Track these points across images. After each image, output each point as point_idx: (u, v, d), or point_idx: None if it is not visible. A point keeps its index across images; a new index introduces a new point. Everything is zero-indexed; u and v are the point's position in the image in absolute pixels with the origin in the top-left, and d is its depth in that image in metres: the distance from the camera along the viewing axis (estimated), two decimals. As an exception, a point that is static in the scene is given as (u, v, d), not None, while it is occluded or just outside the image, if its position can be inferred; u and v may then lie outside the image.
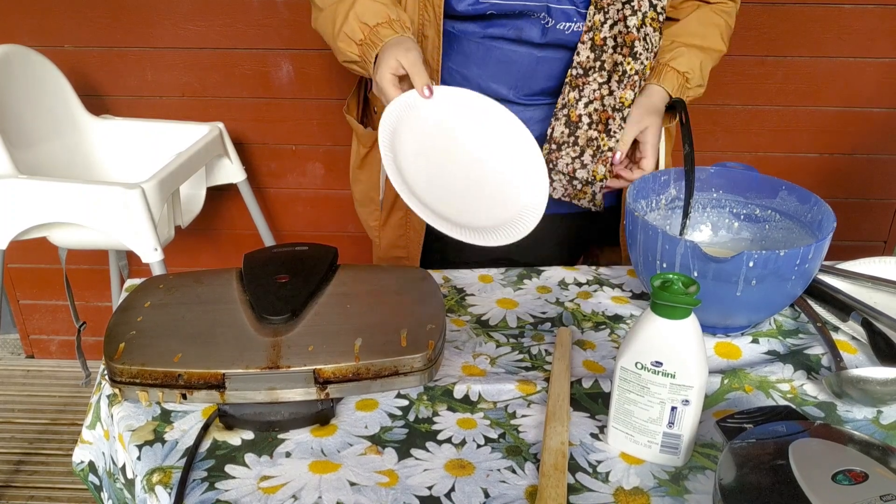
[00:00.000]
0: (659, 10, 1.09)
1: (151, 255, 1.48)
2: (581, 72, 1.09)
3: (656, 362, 0.68)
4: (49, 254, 2.15)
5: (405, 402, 0.80)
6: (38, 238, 1.57)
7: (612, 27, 1.07)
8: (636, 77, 1.10)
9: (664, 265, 0.87)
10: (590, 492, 0.69)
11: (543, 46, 1.09)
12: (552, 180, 1.14)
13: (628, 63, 1.09)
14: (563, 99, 1.11)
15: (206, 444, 0.75)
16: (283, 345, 0.76)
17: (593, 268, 1.09)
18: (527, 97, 1.14)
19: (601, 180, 1.14)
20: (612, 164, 1.12)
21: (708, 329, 0.92)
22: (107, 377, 0.79)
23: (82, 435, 0.88)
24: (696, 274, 0.85)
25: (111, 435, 0.82)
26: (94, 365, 2.15)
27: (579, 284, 1.05)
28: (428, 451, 0.74)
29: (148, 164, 1.74)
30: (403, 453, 0.73)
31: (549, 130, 1.13)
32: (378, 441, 0.75)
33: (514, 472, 0.71)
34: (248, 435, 0.76)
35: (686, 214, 1.01)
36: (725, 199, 1.04)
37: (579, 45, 1.08)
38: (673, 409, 0.69)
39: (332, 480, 0.70)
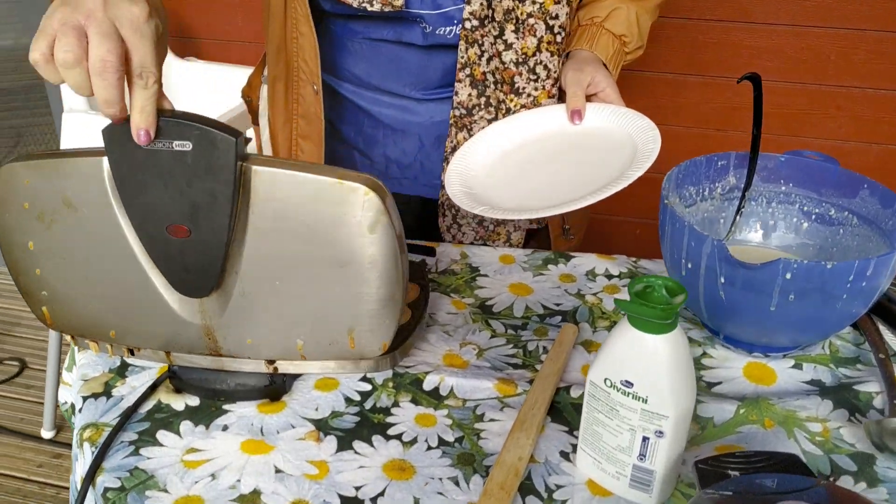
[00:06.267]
0: (557, 29, 0.94)
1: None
2: (464, 111, 1.00)
3: (626, 382, 0.57)
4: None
5: (368, 387, 0.73)
6: None
7: (489, 62, 0.97)
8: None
9: (689, 265, 0.74)
10: (535, 521, 0.59)
11: (428, 48, 0.99)
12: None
13: (511, 99, 0.98)
14: (452, 142, 1.02)
15: (150, 405, 0.71)
16: (216, 333, 0.67)
17: (632, 259, 0.96)
18: (425, 92, 1.04)
19: None
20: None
21: (743, 346, 0.79)
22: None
23: (62, 376, 0.87)
24: (722, 280, 0.71)
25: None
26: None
27: (609, 277, 0.92)
28: (371, 445, 0.66)
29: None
30: (344, 444, 0.66)
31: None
32: (322, 427, 0.68)
33: (456, 484, 0.62)
34: (194, 401, 0.71)
35: (740, 208, 0.86)
36: (796, 194, 0.88)
37: (457, 84, 0.98)
38: (645, 439, 0.58)
39: (258, 463, 0.64)
